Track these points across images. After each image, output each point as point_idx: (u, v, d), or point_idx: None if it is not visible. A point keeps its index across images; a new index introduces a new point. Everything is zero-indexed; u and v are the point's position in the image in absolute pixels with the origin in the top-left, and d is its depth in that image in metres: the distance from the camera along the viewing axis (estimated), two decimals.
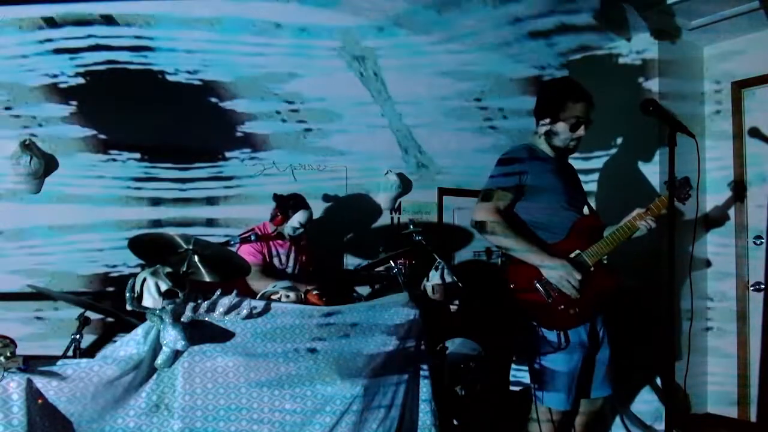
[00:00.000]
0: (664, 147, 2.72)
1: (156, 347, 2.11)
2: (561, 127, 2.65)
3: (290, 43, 3.63)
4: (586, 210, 2.83)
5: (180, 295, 2.22)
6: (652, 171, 3.88)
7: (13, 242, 2.94)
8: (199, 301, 2.29)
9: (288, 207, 3.21)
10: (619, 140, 4.13)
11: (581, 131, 2.67)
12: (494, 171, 2.68)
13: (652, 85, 3.97)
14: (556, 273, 2.51)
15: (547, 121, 2.68)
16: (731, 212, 3.99)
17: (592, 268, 2.60)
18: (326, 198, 3.74)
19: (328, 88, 3.75)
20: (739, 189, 3.96)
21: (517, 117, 4.47)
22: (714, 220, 4.07)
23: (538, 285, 2.54)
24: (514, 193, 2.60)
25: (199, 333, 2.20)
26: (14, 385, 1.84)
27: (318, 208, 3.64)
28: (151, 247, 2.53)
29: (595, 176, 4.17)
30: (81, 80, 3.07)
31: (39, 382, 1.90)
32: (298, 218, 3.20)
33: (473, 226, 2.67)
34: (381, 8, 3.68)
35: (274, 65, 3.58)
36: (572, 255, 2.61)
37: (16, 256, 2.95)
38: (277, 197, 3.26)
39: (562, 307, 2.53)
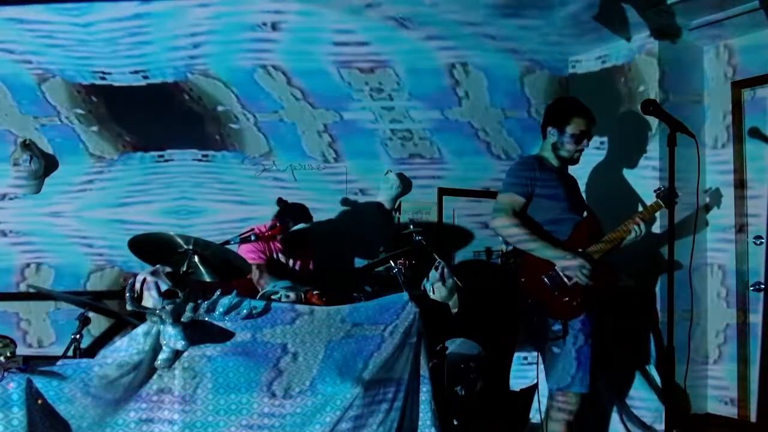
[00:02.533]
0: (664, 147, 2.73)
1: (156, 347, 2.11)
2: (567, 140, 2.92)
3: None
4: (585, 214, 3.02)
5: (180, 295, 2.22)
6: (652, 171, 3.88)
7: (14, 241, 2.95)
8: (199, 301, 2.29)
9: (289, 219, 3.19)
10: (619, 140, 4.12)
11: (584, 143, 2.95)
12: (508, 178, 2.93)
13: (652, 85, 3.97)
14: (572, 265, 2.72)
15: (555, 134, 2.94)
16: (731, 212, 3.99)
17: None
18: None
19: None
20: (738, 188, 3.96)
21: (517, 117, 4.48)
22: (713, 219, 4.07)
23: (545, 279, 2.76)
24: (527, 198, 2.84)
25: (199, 333, 2.20)
26: (14, 385, 1.84)
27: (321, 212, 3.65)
28: (151, 247, 2.54)
29: (596, 177, 4.16)
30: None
31: (39, 382, 1.90)
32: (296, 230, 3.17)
33: (492, 227, 2.91)
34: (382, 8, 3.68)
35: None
36: None
37: (16, 256, 2.96)
38: (281, 203, 3.25)
39: (567, 299, 2.74)
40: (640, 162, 3.97)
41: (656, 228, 3.76)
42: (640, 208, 3.26)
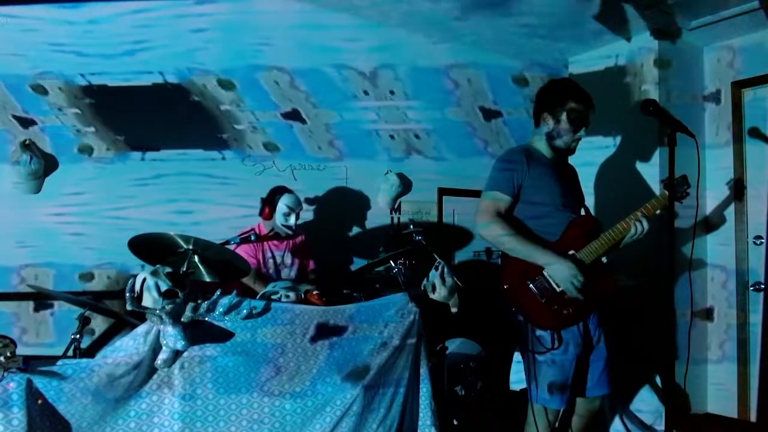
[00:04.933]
0: (664, 147, 2.73)
1: (156, 347, 2.11)
2: (563, 128, 2.66)
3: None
4: (582, 211, 2.84)
5: (180, 295, 2.22)
6: (652, 171, 3.88)
7: (14, 241, 2.95)
8: (199, 301, 2.29)
9: (273, 196, 3.19)
10: (619, 140, 4.13)
11: (582, 132, 2.70)
12: (493, 173, 2.69)
13: (652, 85, 3.97)
14: (563, 273, 2.51)
15: (550, 122, 2.69)
16: (731, 212, 3.99)
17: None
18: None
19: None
20: (738, 188, 3.96)
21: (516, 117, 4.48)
22: (714, 219, 4.07)
23: (531, 285, 2.55)
24: (513, 196, 2.61)
25: (199, 333, 2.20)
26: (14, 385, 1.84)
27: (321, 212, 3.65)
28: (151, 247, 2.53)
29: (596, 177, 4.16)
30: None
31: (39, 382, 1.90)
32: (284, 202, 3.17)
33: (476, 231, 2.68)
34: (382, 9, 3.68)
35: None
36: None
37: (16, 256, 2.96)
38: (263, 200, 3.26)
39: (556, 307, 2.54)
40: (639, 163, 3.97)
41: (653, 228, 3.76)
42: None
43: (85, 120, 3.10)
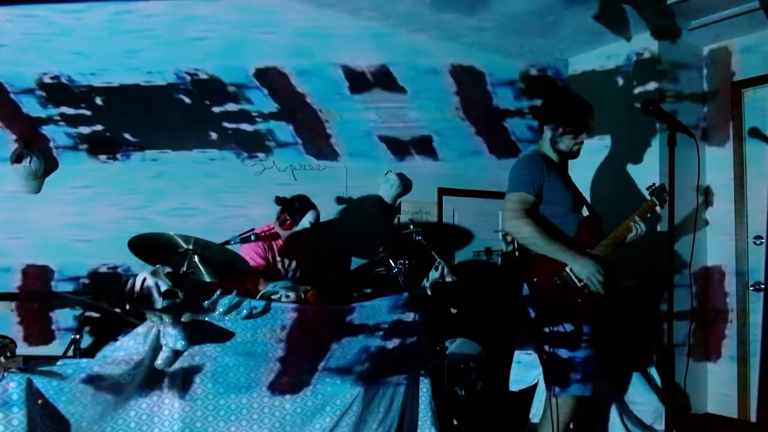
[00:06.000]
0: (664, 147, 2.73)
1: (156, 347, 2.12)
2: (565, 135, 2.80)
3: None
4: (584, 211, 2.93)
5: (180, 295, 2.23)
6: (652, 171, 3.88)
7: (14, 241, 2.95)
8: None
9: (295, 210, 3.20)
10: (618, 140, 4.13)
11: (583, 137, 2.83)
12: (515, 176, 2.79)
13: (652, 85, 3.97)
14: (587, 269, 2.62)
15: (552, 128, 2.82)
16: (731, 212, 3.99)
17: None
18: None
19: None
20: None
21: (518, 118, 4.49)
22: (713, 220, 4.07)
23: (557, 280, 2.65)
24: (537, 197, 2.72)
25: (199, 333, 2.21)
26: (14, 385, 1.84)
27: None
28: (151, 247, 2.54)
29: (595, 176, 4.16)
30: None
31: (39, 382, 1.90)
32: (308, 219, 3.20)
33: (505, 229, 2.82)
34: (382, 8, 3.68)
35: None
36: None
37: (16, 256, 2.96)
38: (280, 200, 3.26)
39: (579, 301, 2.64)
40: (639, 163, 3.97)
41: (662, 226, 3.76)
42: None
43: (85, 120, 3.11)
